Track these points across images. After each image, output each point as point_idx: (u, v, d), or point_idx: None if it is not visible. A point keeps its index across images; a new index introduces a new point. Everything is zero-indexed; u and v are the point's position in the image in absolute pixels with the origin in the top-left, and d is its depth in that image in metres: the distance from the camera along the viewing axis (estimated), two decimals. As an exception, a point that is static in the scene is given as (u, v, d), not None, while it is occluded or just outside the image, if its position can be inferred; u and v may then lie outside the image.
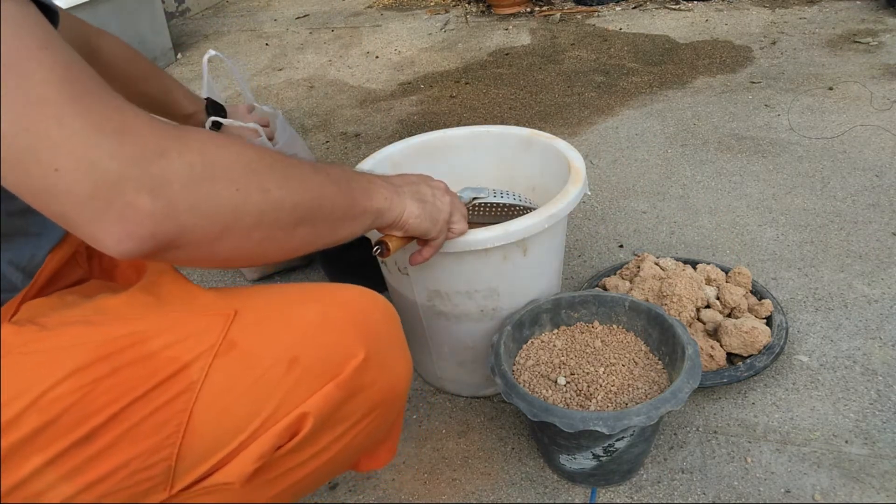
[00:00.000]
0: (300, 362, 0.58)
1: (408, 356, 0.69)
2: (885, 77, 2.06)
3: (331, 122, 2.25)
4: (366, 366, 0.61)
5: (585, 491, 0.94)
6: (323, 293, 0.64)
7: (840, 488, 0.91)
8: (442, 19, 3.20)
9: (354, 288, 0.66)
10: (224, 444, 0.56)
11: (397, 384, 0.66)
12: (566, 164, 1.03)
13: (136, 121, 0.47)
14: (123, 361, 0.54)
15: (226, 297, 0.62)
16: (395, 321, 0.68)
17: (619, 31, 2.75)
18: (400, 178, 0.76)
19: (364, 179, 0.68)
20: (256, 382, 0.57)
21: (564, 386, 0.93)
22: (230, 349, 0.57)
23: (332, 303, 0.63)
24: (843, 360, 1.10)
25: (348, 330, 0.61)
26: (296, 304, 0.62)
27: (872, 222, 1.43)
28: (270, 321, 0.60)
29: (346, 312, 0.63)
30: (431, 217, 0.76)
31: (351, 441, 0.64)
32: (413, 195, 0.74)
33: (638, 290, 1.15)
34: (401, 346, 0.68)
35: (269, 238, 0.54)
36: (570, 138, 1.91)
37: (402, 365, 0.67)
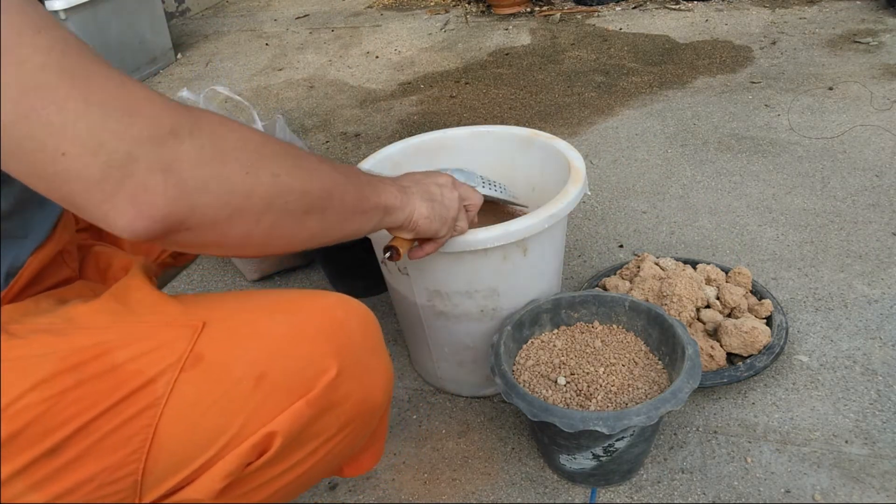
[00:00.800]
0: (268, 378, 0.56)
1: (387, 365, 0.67)
2: (885, 77, 2.06)
3: (331, 122, 2.25)
4: (339, 381, 0.59)
5: (585, 491, 0.94)
6: (295, 303, 0.62)
7: (840, 488, 0.91)
8: (442, 19, 3.20)
9: (330, 296, 0.64)
10: (191, 461, 0.55)
11: (374, 396, 0.64)
12: (566, 164, 1.03)
13: (144, 99, 0.46)
14: (89, 373, 0.53)
15: (195, 306, 0.61)
16: (373, 329, 0.65)
17: (619, 31, 2.75)
18: (407, 178, 0.75)
19: (371, 177, 0.67)
20: (223, 398, 0.55)
21: (564, 386, 0.93)
22: (197, 363, 0.55)
23: (305, 314, 0.61)
24: (843, 360, 1.10)
25: (320, 343, 0.59)
26: (267, 315, 0.60)
27: (872, 222, 1.43)
28: (239, 334, 0.58)
29: (318, 324, 0.61)
30: (441, 217, 0.75)
31: (326, 455, 0.63)
32: (422, 195, 0.73)
33: (638, 290, 1.15)
34: (379, 355, 0.66)
35: (279, 225, 0.54)
36: (570, 138, 1.91)
37: (379, 375, 0.65)
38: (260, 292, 0.65)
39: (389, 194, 0.68)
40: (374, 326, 0.66)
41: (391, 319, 1.32)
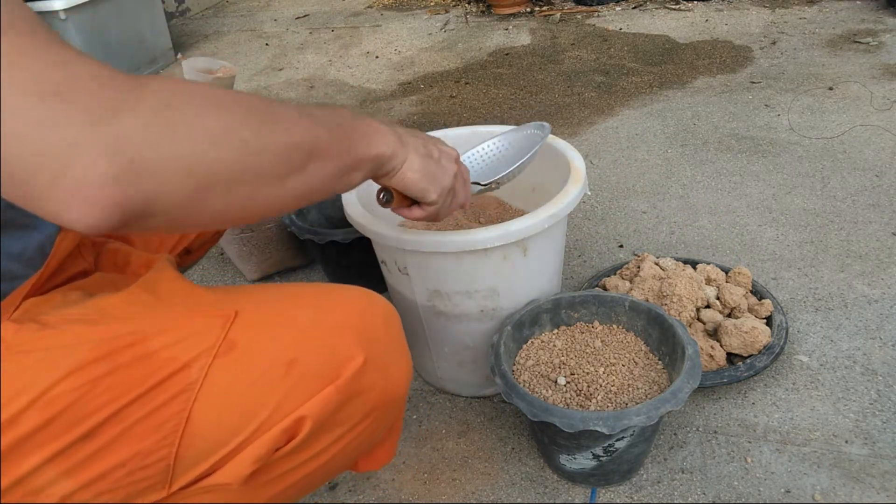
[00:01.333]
0: (298, 365, 0.57)
1: (408, 358, 0.68)
2: (885, 77, 2.06)
3: (331, 122, 2.25)
4: (365, 369, 0.60)
5: (585, 491, 0.94)
6: (323, 294, 0.63)
7: (840, 488, 0.91)
8: (442, 19, 3.20)
9: (355, 289, 0.65)
10: (222, 446, 0.56)
11: (397, 387, 0.65)
12: (566, 164, 1.03)
13: (83, 76, 0.42)
14: (122, 361, 0.54)
15: (227, 297, 0.62)
16: (396, 323, 0.66)
17: (619, 31, 2.75)
18: (407, 131, 0.70)
19: (364, 124, 0.63)
20: (255, 384, 0.56)
21: (564, 386, 0.93)
22: (230, 349, 0.56)
23: (332, 304, 0.62)
24: (843, 360, 1.10)
25: (347, 333, 0.60)
26: (296, 305, 0.62)
27: (872, 222, 1.43)
28: (270, 322, 0.59)
29: (345, 315, 0.62)
30: (432, 177, 0.70)
31: (349, 443, 0.64)
32: (418, 149, 0.69)
33: (638, 290, 1.15)
34: (401, 348, 0.67)
35: (257, 193, 0.50)
36: (570, 138, 1.91)
37: (401, 367, 0.66)
38: (287, 285, 0.67)
39: (384, 143, 0.64)
40: (395, 320, 0.66)
41: (391, 319, 1.32)
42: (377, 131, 0.64)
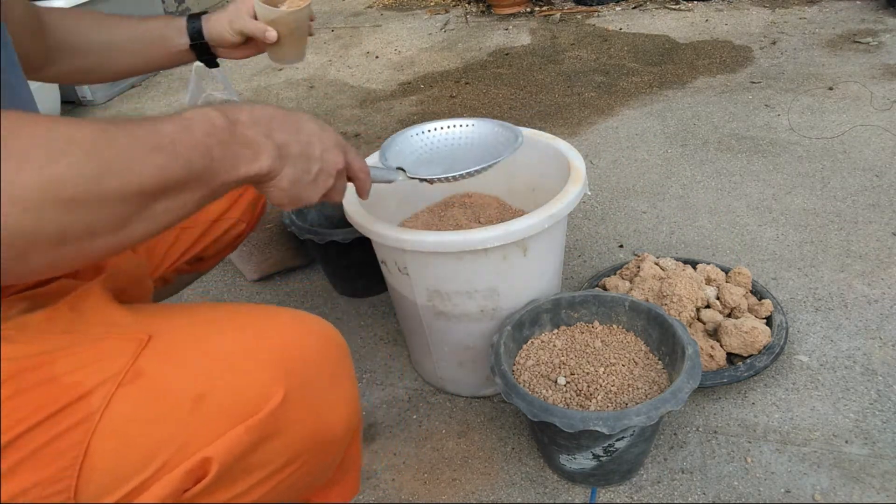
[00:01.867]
0: (207, 400, 0.52)
1: (348, 394, 0.61)
2: (885, 77, 2.06)
3: (331, 122, 2.25)
4: (285, 408, 0.54)
5: (585, 491, 0.94)
6: (249, 319, 0.58)
7: (840, 488, 0.91)
8: (442, 19, 3.20)
9: (288, 313, 0.60)
10: (123, 482, 0.51)
11: (330, 428, 0.58)
12: (566, 164, 1.03)
13: None
14: (28, 383, 0.51)
15: (146, 318, 0.58)
16: (335, 353, 0.60)
17: (619, 31, 2.75)
18: (300, 136, 0.62)
19: (241, 143, 0.56)
20: (159, 418, 0.52)
21: (564, 386, 0.93)
22: (136, 378, 0.52)
23: (257, 332, 0.57)
24: (843, 360, 1.10)
25: (267, 365, 0.54)
26: (217, 331, 0.57)
27: (872, 222, 1.43)
28: (184, 350, 0.55)
29: (268, 344, 0.56)
30: (297, 197, 0.64)
31: (276, 487, 0.57)
32: (296, 164, 0.61)
33: (638, 290, 1.15)
34: (339, 382, 0.60)
35: (90, 246, 0.47)
36: (570, 138, 1.91)
37: (337, 405, 0.59)
38: (218, 306, 0.61)
39: (259, 163, 0.57)
40: (335, 351, 0.60)
41: (391, 319, 1.32)
42: (255, 149, 0.57)
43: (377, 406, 1.13)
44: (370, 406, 1.13)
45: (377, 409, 1.13)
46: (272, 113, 0.61)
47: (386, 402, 1.14)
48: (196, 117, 0.54)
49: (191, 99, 1.37)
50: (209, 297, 1.45)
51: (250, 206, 1.06)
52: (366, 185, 0.74)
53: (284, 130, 0.60)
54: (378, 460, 1.03)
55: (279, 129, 0.60)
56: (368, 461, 1.03)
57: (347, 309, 1.37)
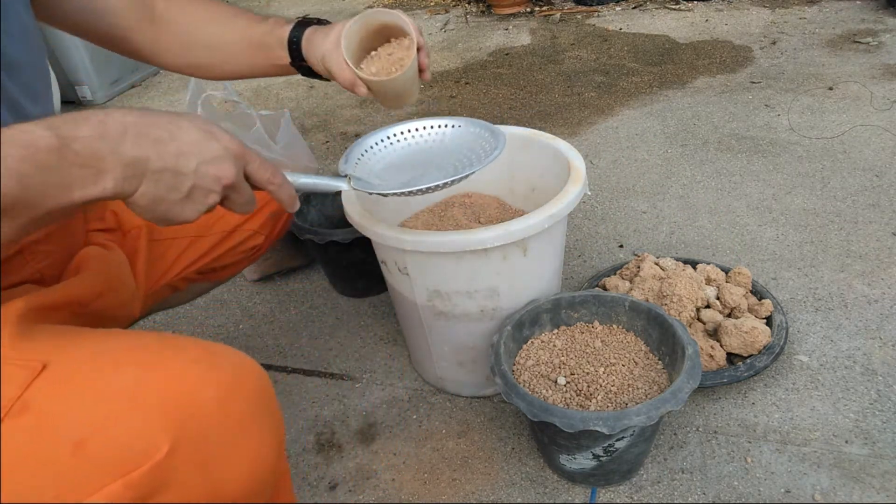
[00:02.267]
0: (87, 447, 0.47)
1: (254, 449, 0.53)
2: (885, 77, 2.06)
3: (331, 122, 2.25)
4: (170, 463, 0.48)
5: (585, 491, 0.94)
6: (152, 355, 0.52)
7: (840, 488, 0.91)
8: (442, 19, 3.20)
9: (198, 349, 0.53)
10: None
11: (226, 488, 0.52)
12: (566, 164, 1.03)
13: None
14: None
15: (46, 342, 0.53)
16: (242, 402, 0.53)
17: (619, 31, 2.75)
18: (180, 149, 0.54)
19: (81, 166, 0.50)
20: (38, 462, 0.47)
21: (564, 386, 0.93)
22: (22, 412, 0.48)
23: (155, 370, 0.51)
24: (843, 360, 1.10)
25: (156, 412, 0.48)
26: (112, 366, 0.51)
27: (872, 222, 1.43)
28: (74, 385, 0.49)
29: (162, 387, 0.50)
30: (162, 215, 0.57)
31: None
32: (159, 181, 0.54)
33: (638, 290, 1.15)
34: (245, 435, 0.53)
35: None
36: (570, 138, 1.91)
37: (239, 462, 0.52)
38: (128, 335, 0.56)
39: (101, 186, 0.51)
40: (245, 398, 0.53)
41: (391, 319, 1.32)
42: (97, 168, 0.50)
43: (377, 406, 1.13)
44: (370, 406, 1.13)
45: (377, 409, 1.13)
46: (132, 122, 0.53)
47: (386, 402, 1.14)
48: (14, 140, 0.47)
49: (191, 98, 1.37)
50: (209, 297, 1.45)
51: (270, 219, 1.03)
52: (282, 196, 0.64)
53: (143, 144, 0.53)
54: (378, 460, 1.03)
55: (135, 143, 0.52)
56: (368, 461, 1.03)
57: (347, 309, 1.37)
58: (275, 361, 1.26)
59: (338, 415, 1.12)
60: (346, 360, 1.24)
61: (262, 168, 0.61)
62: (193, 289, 1.04)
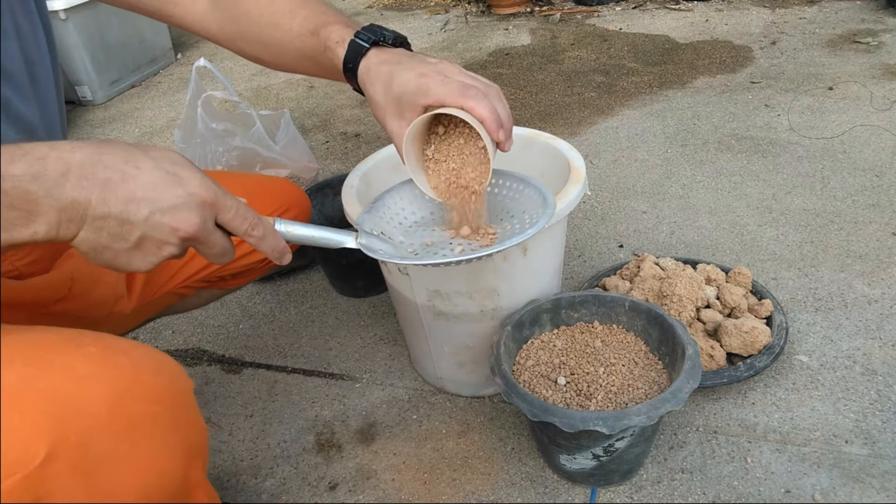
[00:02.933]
0: None
1: (153, 458, 0.49)
2: (885, 77, 2.06)
3: (331, 122, 2.25)
4: (48, 470, 0.43)
5: (585, 491, 0.94)
6: (43, 351, 0.48)
7: (840, 488, 0.91)
8: (442, 19, 3.20)
9: (99, 344, 0.49)
10: None
11: (118, 500, 0.47)
12: (566, 164, 1.03)
13: None
14: None
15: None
16: (135, 405, 0.48)
17: (619, 31, 2.75)
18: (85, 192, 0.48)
19: (7, 205, 0.45)
20: None
21: (564, 386, 0.93)
22: None
23: (43, 367, 0.46)
24: (843, 360, 1.10)
25: (36, 413, 0.44)
26: (7, 361, 0.46)
27: (872, 222, 1.43)
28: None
29: (46, 386, 0.45)
30: (106, 262, 0.52)
31: None
32: (102, 229, 0.49)
33: (638, 290, 1.15)
34: (141, 442, 0.48)
35: None
36: (570, 138, 1.91)
37: (131, 473, 0.47)
38: (40, 330, 0.51)
39: (31, 229, 0.47)
40: (138, 401, 0.48)
41: (391, 319, 1.32)
42: (28, 211, 0.46)
43: (377, 406, 1.13)
44: (370, 406, 1.13)
45: (377, 409, 1.13)
46: (77, 161, 0.47)
47: (386, 402, 1.14)
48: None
49: (191, 98, 1.37)
50: (209, 297, 1.45)
51: None
52: (265, 249, 0.58)
53: (86, 186, 0.47)
54: (378, 460, 1.03)
55: (76, 185, 0.47)
56: (368, 461, 1.03)
57: (347, 309, 1.37)
58: (275, 361, 1.26)
59: (338, 415, 1.12)
60: (346, 360, 1.24)
61: (239, 217, 0.55)
62: (203, 295, 1.03)
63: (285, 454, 1.06)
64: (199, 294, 1.02)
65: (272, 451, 1.07)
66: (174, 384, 0.51)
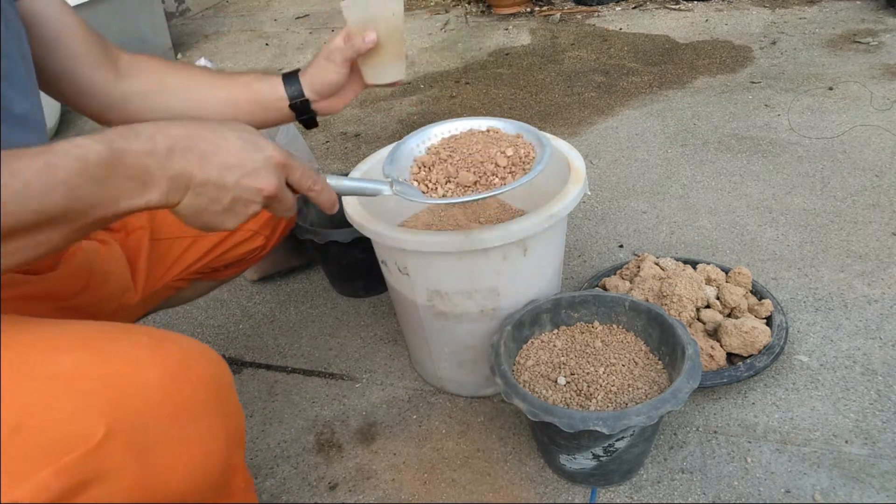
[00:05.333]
0: (23, 432, 0.46)
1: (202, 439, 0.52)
2: (885, 77, 2.06)
3: (331, 122, 2.25)
4: (105, 449, 0.46)
5: (585, 491, 0.94)
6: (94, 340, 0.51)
7: (840, 488, 0.91)
8: (442, 19, 3.20)
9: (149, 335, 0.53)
10: None
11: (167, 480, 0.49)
12: (566, 164, 1.03)
13: None
14: None
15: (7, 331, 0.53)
16: (190, 389, 0.51)
17: (619, 31, 2.75)
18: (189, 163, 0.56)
19: (130, 177, 0.52)
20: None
21: (564, 386, 0.93)
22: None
23: (96, 354, 0.50)
24: (843, 360, 1.10)
25: (93, 395, 0.47)
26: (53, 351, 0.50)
27: (872, 222, 1.43)
28: (13, 370, 0.48)
29: (100, 371, 0.48)
30: (203, 224, 0.59)
31: None
32: (202, 194, 0.57)
33: (638, 290, 1.15)
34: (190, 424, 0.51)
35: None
36: (570, 138, 1.91)
37: (182, 453, 0.50)
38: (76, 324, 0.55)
39: (146, 198, 0.54)
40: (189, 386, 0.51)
41: (391, 319, 1.32)
42: (144, 181, 0.53)
43: (377, 406, 1.13)
44: (370, 406, 1.13)
45: (377, 409, 1.13)
46: (179, 136, 0.55)
47: (386, 402, 1.14)
48: (68, 153, 0.49)
49: None
50: (209, 297, 1.46)
51: (271, 220, 1.03)
52: (321, 201, 0.67)
53: (188, 158, 0.55)
54: (378, 460, 1.03)
55: (182, 157, 0.55)
56: (368, 461, 1.03)
57: (347, 309, 1.37)
58: (275, 361, 1.26)
59: (338, 415, 1.12)
60: (346, 360, 1.24)
61: (304, 177, 0.63)
62: (196, 287, 1.05)
63: (285, 454, 1.06)
64: (193, 286, 1.03)
65: (272, 451, 1.07)
66: (219, 372, 0.54)
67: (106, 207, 0.52)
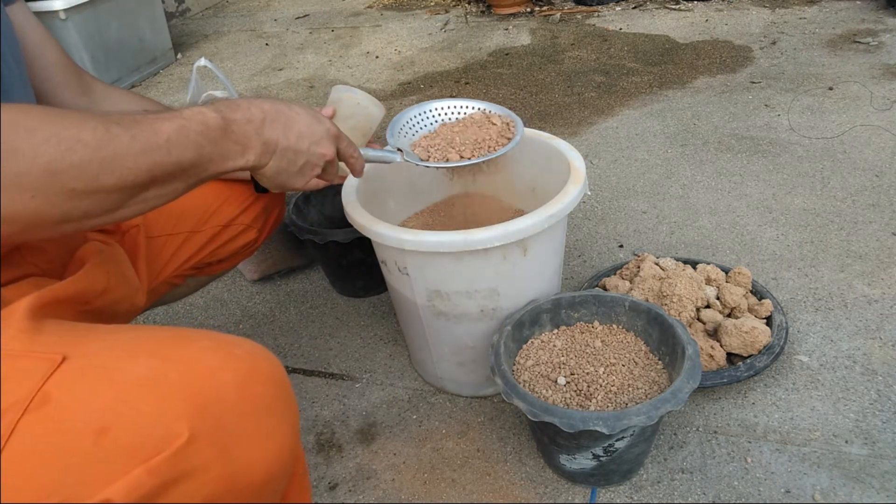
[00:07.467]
0: (110, 434, 0.48)
1: (275, 435, 0.55)
2: (885, 77, 2.06)
3: (331, 122, 2.25)
4: (192, 448, 0.49)
5: (585, 491, 0.94)
6: (166, 345, 0.54)
7: (840, 488, 0.91)
8: (442, 19, 3.20)
9: (211, 339, 0.56)
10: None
11: (249, 472, 0.53)
12: (566, 164, 1.03)
13: None
14: None
15: (67, 336, 0.55)
16: (260, 387, 0.55)
17: (619, 31, 2.75)
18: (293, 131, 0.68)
19: (232, 140, 0.63)
20: (61, 451, 0.48)
21: (564, 386, 0.93)
22: (43, 404, 0.49)
23: (169, 360, 0.52)
24: (843, 360, 1.10)
25: (177, 399, 0.50)
26: (130, 356, 0.53)
27: (872, 222, 1.43)
28: (93, 375, 0.51)
29: (180, 374, 0.51)
30: (281, 184, 0.72)
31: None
32: (282, 157, 0.69)
33: (638, 290, 1.15)
34: (263, 420, 0.54)
35: (91, 222, 0.54)
36: (570, 138, 1.91)
37: (259, 446, 0.53)
38: (143, 329, 0.58)
39: (244, 159, 0.64)
40: (262, 384, 0.55)
41: (391, 319, 1.32)
42: (244, 145, 0.64)
43: (377, 406, 1.13)
44: (370, 406, 1.13)
45: (377, 409, 1.13)
46: (268, 110, 0.67)
47: (386, 402, 1.14)
48: (194, 118, 0.59)
49: (191, 98, 1.37)
50: (209, 297, 1.46)
51: (262, 213, 1.05)
52: (356, 167, 0.81)
53: (275, 128, 0.67)
54: (378, 460, 1.03)
55: (270, 127, 0.66)
56: (368, 461, 1.03)
57: (347, 309, 1.37)
58: (275, 361, 1.26)
59: (338, 415, 1.12)
60: (346, 360, 1.24)
61: (349, 146, 0.78)
62: (191, 283, 1.05)
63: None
64: (187, 283, 1.04)
65: (272, 451, 1.07)
66: (279, 370, 0.58)
67: (218, 164, 0.62)
